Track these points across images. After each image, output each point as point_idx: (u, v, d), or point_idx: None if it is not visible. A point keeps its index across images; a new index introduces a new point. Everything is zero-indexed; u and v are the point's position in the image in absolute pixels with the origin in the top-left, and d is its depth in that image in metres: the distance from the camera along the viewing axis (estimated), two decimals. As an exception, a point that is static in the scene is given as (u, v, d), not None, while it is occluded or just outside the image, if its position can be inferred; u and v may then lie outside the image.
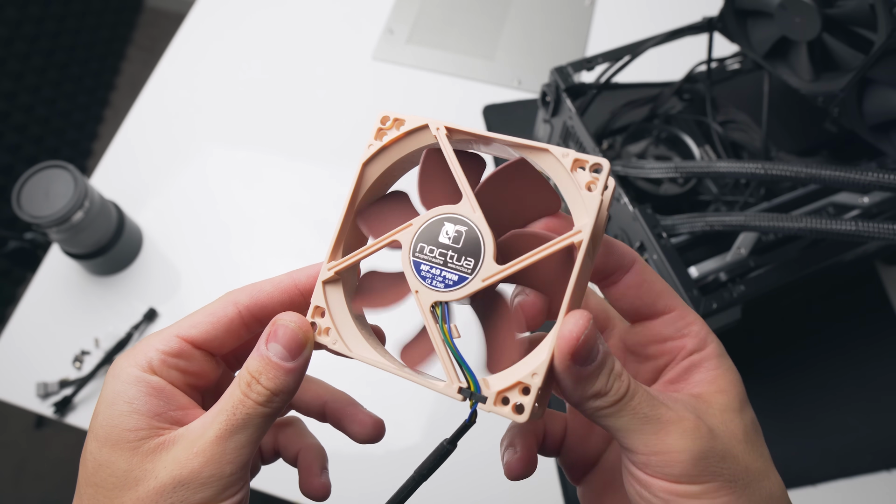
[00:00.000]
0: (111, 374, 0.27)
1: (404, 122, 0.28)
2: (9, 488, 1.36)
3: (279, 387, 0.25)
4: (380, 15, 0.95)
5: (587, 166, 0.25)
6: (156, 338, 0.27)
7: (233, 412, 0.25)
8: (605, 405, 0.24)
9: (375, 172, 0.28)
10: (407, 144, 0.28)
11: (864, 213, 0.58)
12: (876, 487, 0.63)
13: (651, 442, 0.23)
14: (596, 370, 0.23)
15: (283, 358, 0.25)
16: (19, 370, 0.70)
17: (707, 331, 0.27)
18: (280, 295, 0.29)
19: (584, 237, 0.24)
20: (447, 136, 0.27)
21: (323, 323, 0.27)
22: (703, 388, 0.26)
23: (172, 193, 0.81)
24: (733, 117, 0.66)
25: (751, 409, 0.27)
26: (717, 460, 0.23)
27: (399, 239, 0.27)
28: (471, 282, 0.25)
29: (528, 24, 0.94)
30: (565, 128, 0.63)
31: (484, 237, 0.25)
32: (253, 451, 0.26)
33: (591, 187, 0.24)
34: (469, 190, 0.26)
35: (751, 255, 0.56)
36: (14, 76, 1.49)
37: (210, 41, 0.93)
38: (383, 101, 0.88)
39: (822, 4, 0.51)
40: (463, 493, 0.63)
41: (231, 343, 0.29)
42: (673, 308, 0.28)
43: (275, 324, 0.26)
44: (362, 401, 0.36)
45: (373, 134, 0.28)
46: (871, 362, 0.69)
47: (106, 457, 0.25)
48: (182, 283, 0.75)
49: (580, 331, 0.23)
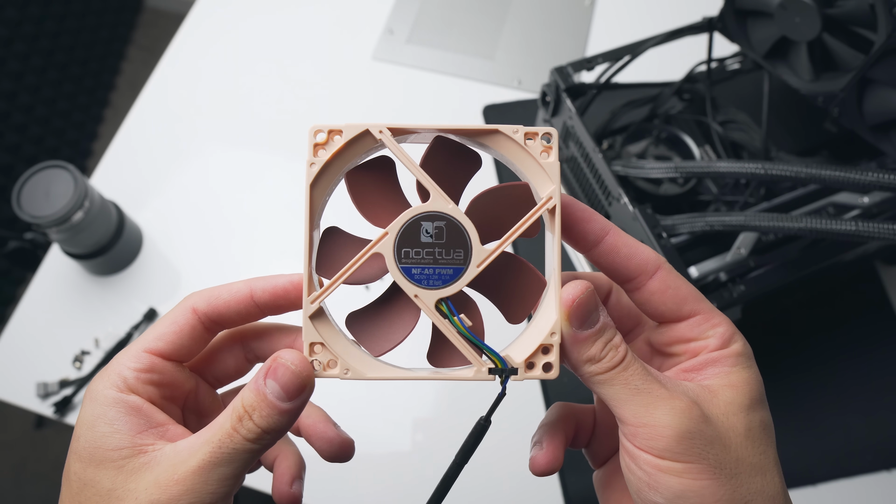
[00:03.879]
0: (88, 398, 0.27)
1: (341, 131, 0.26)
2: (9, 488, 1.36)
3: (272, 426, 0.25)
4: (380, 15, 0.95)
5: (537, 137, 0.26)
6: (125, 356, 0.27)
7: (219, 445, 0.24)
8: (598, 371, 0.25)
9: (325, 192, 0.27)
10: (350, 154, 0.27)
11: (864, 213, 0.58)
12: (876, 487, 0.63)
13: (639, 413, 0.24)
14: (592, 336, 0.25)
15: (280, 398, 0.25)
16: (19, 370, 0.70)
17: (734, 332, 0.28)
18: (237, 305, 0.28)
19: (555, 202, 0.26)
20: (392, 137, 0.26)
21: (323, 358, 0.26)
22: (714, 381, 0.26)
23: (172, 193, 0.81)
24: (733, 117, 0.66)
25: (764, 412, 0.27)
26: (703, 443, 0.24)
27: (380, 251, 0.26)
28: (467, 271, 0.26)
29: (528, 24, 0.94)
30: (565, 128, 0.63)
31: (465, 225, 0.26)
32: (236, 484, 0.25)
33: (548, 152, 0.26)
34: (436, 185, 0.26)
35: (751, 255, 0.56)
36: (14, 76, 1.49)
37: (210, 41, 0.93)
38: (383, 101, 0.88)
39: (822, 4, 0.51)
40: (463, 493, 0.63)
41: (197, 347, 0.29)
42: (699, 312, 0.28)
43: (276, 360, 0.25)
44: (357, 403, 0.36)
45: (309, 151, 0.26)
46: (871, 362, 0.69)
47: (91, 476, 0.25)
48: (182, 283, 0.75)
49: (577, 293, 0.25)
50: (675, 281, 0.28)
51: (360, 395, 0.67)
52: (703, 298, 0.28)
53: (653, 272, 0.27)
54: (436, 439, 0.66)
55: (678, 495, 0.24)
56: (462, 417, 0.65)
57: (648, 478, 0.24)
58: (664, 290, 0.27)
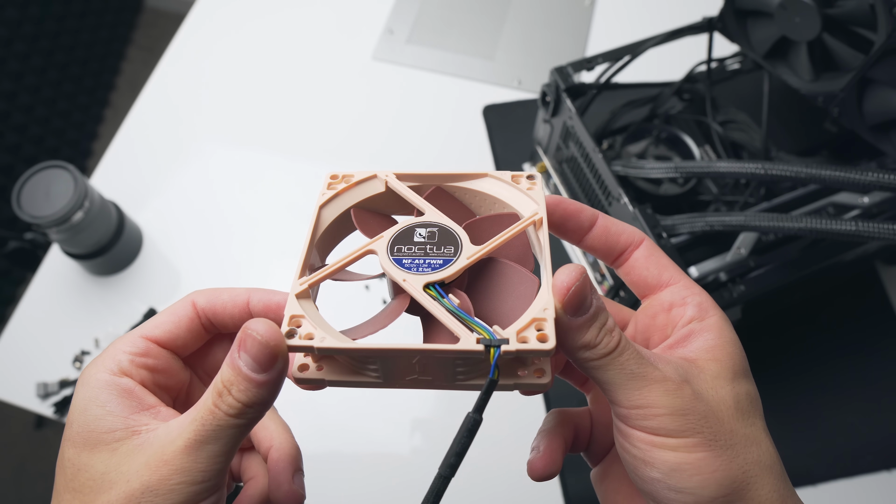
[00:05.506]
0: (81, 382, 0.27)
1: (353, 176, 0.32)
2: (9, 488, 1.36)
3: (251, 399, 0.24)
4: (380, 15, 0.95)
5: (522, 179, 0.31)
6: (122, 341, 0.28)
7: (202, 422, 0.24)
8: (593, 357, 0.25)
9: (331, 215, 0.31)
10: (357, 193, 0.32)
11: (864, 213, 0.58)
12: (876, 487, 0.63)
13: (633, 397, 0.24)
14: (587, 322, 0.25)
15: (254, 370, 0.24)
16: (19, 370, 0.70)
17: (711, 304, 0.29)
18: (233, 308, 0.29)
19: (542, 215, 0.29)
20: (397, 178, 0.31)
21: (303, 330, 0.25)
22: (698, 355, 0.27)
23: (172, 193, 0.81)
24: (733, 117, 0.66)
25: (747, 382, 0.27)
26: (697, 418, 0.24)
27: (374, 248, 0.28)
28: (456, 261, 0.27)
29: (528, 24, 0.94)
30: (565, 128, 0.63)
31: (456, 230, 0.28)
32: (226, 460, 0.25)
33: (532, 188, 0.30)
34: (429, 205, 0.29)
35: (751, 255, 0.56)
36: (14, 76, 1.49)
37: (210, 41, 0.93)
38: (383, 102, 0.88)
39: (822, 4, 0.51)
40: (463, 493, 0.63)
41: (193, 343, 0.29)
42: (678, 280, 0.30)
43: (245, 331, 0.24)
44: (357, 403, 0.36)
45: (324, 185, 0.31)
46: (872, 362, 0.69)
47: (84, 460, 0.25)
48: (182, 283, 0.75)
49: (572, 281, 0.24)
50: (656, 252, 0.30)
51: (361, 394, 0.67)
52: (682, 271, 0.30)
53: (638, 244, 0.30)
54: (436, 439, 0.66)
55: (674, 468, 0.24)
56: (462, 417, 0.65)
57: (643, 454, 0.25)
58: (647, 257, 0.30)
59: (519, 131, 0.83)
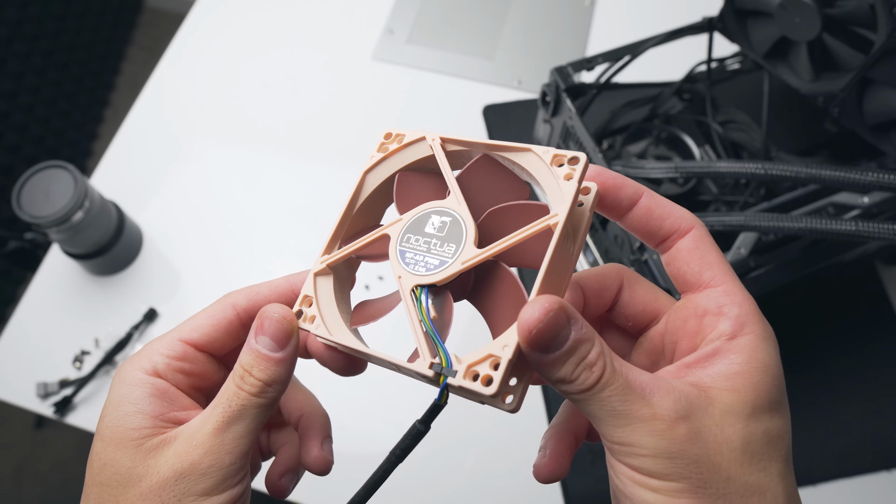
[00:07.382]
0: (117, 379, 0.27)
1: (404, 136, 0.31)
2: (9, 488, 1.36)
3: (271, 377, 0.26)
4: (380, 15, 0.95)
5: (566, 160, 0.26)
6: (160, 342, 0.28)
7: (228, 404, 0.26)
8: (571, 391, 0.23)
9: (375, 181, 0.31)
10: (404, 156, 0.31)
11: (864, 213, 0.58)
12: (876, 487, 0.63)
13: (615, 434, 0.23)
14: (560, 358, 0.22)
15: (272, 349, 0.26)
16: (19, 370, 0.70)
17: (751, 318, 0.25)
18: (277, 298, 0.29)
19: (559, 220, 0.24)
20: (441, 144, 0.30)
21: (310, 312, 0.28)
22: (714, 382, 0.24)
23: (172, 193, 0.81)
24: (733, 117, 0.66)
25: (770, 419, 0.24)
26: (686, 463, 0.22)
27: (389, 232, 0.28)
28: (450, 265, 0.26)
29: (528, 24, 0.94)
30: (565, 128, 0.63)
31: (466, 225, 0.27)
32: (251, 440, 0.26)
33: (569, 178, 0.25)
34: (456, 184, 0.28)
35: (751, 255, 0.56)
36: (14, 76, 1.49)
37: (210, 41, 0.93)
38: (383, 102, 0.88)
39: (822, 4, 0.51)
40: (463, 493, 0.63)
41: (231, 344, 0.30)
42: (721, 283, 0.26)
43: (261, 317, 0.27)
44: (357, 403, 0.36)
45: (376, 147, 0.31)
46: (871, 362, 0.69)
47: (110, 455, 0.25)
48: (182, 283, 0.75)
49: (537, 320, 0.22)
50: (703, 244, 0.26)
51: (361, 395, 0.67)
52: (730, 272, 0.26)
53: (685, 232, 0.26)
54: (436, 439, 0.66)
55: None
56: (463, 417, 0.65)
57: (625, 488, 0.23)
58: (691, 249, 0.26)
59: (519, 131, 0.83)
